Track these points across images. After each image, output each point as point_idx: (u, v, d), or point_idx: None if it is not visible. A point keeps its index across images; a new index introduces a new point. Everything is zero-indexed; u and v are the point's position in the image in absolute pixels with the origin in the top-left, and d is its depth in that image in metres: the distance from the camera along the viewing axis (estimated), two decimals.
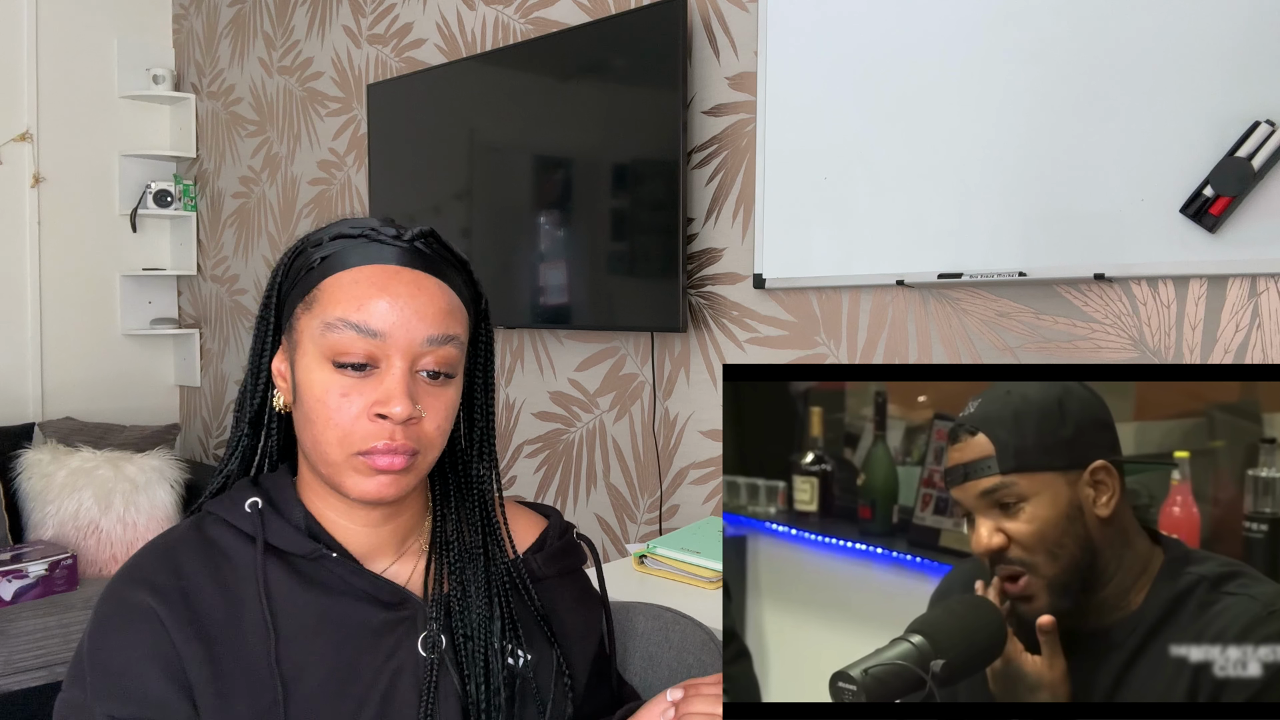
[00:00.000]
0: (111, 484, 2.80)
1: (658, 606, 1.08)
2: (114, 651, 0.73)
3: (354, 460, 0.75)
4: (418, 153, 2.62)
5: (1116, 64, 1.48)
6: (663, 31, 1.99)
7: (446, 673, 0.79)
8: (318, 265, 0.78)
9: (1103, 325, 1.55)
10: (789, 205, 1.87)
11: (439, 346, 0.77)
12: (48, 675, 2.39)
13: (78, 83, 3.49)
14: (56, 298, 3.47)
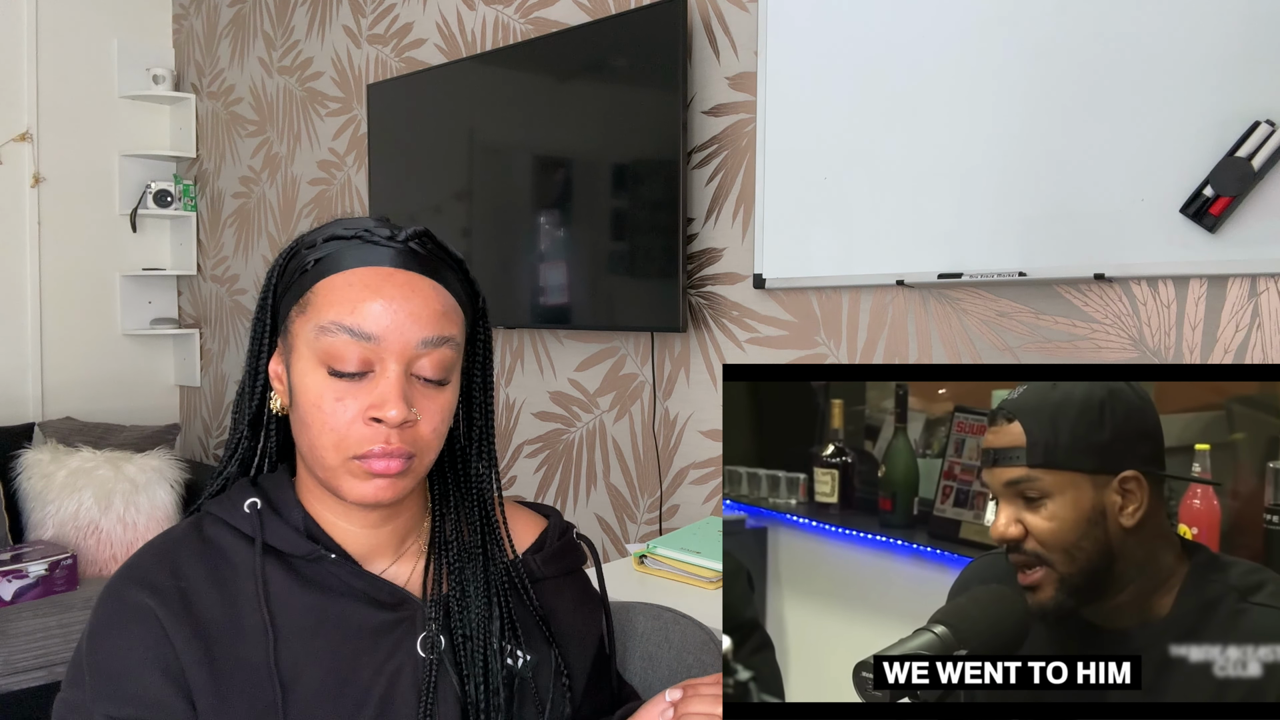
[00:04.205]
0: (111, 484, 2.80)
1: (658, 606, 1.08)
2: (113, 652, 0.73)
3: (350, 464, 0.75)
4: (418, 153, 2.62)
5: (1116, 64, 1.47)
6: (663, 31, 1.99)
7: (445, 673, 0.79)
8: (311, 267, 0.78)
9: (1103, 325, 1.55)
10: (789, 205, 1.87)
11: (434, 348, 0.77)
12: (48, 675, 2.39)
13: (78, 83, 3.49)
14: (56, 298, 3.46)
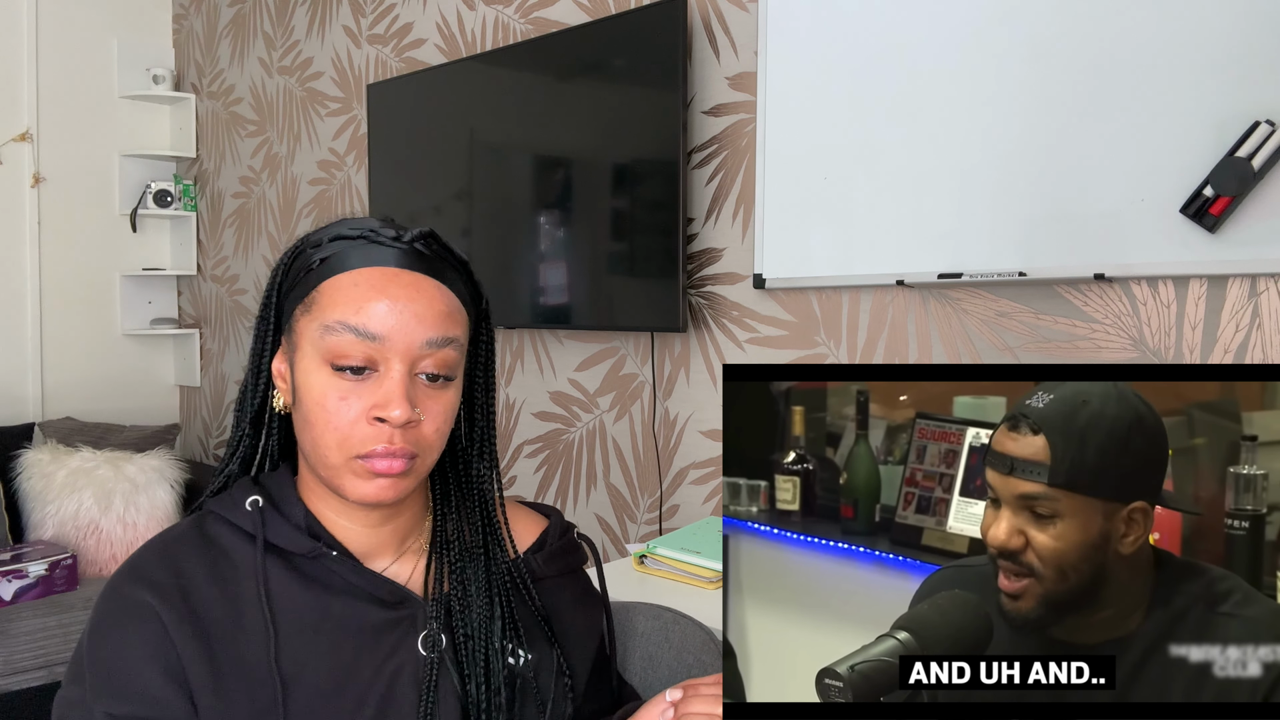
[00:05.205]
0: (111, 484, 2.80)
1: (658, 606, 1.08)
2: (113, 649, 0.73)
3: (353, 463, 0.75)
4: (418, 153, 2.62)
5: (1116, 63, 1.48)
6: (663, 31, 1.99)
7: (446, 672, 0.79)
8: (317, 267, 0.78)
9: (1103, 325, 1.55)
10: (789, 205, 1.87)
11: (438, 349, 0.77)
12: (48, 675, 2.39)
13: (78, 83, 3.49)
14: (56, 298, 3.46)
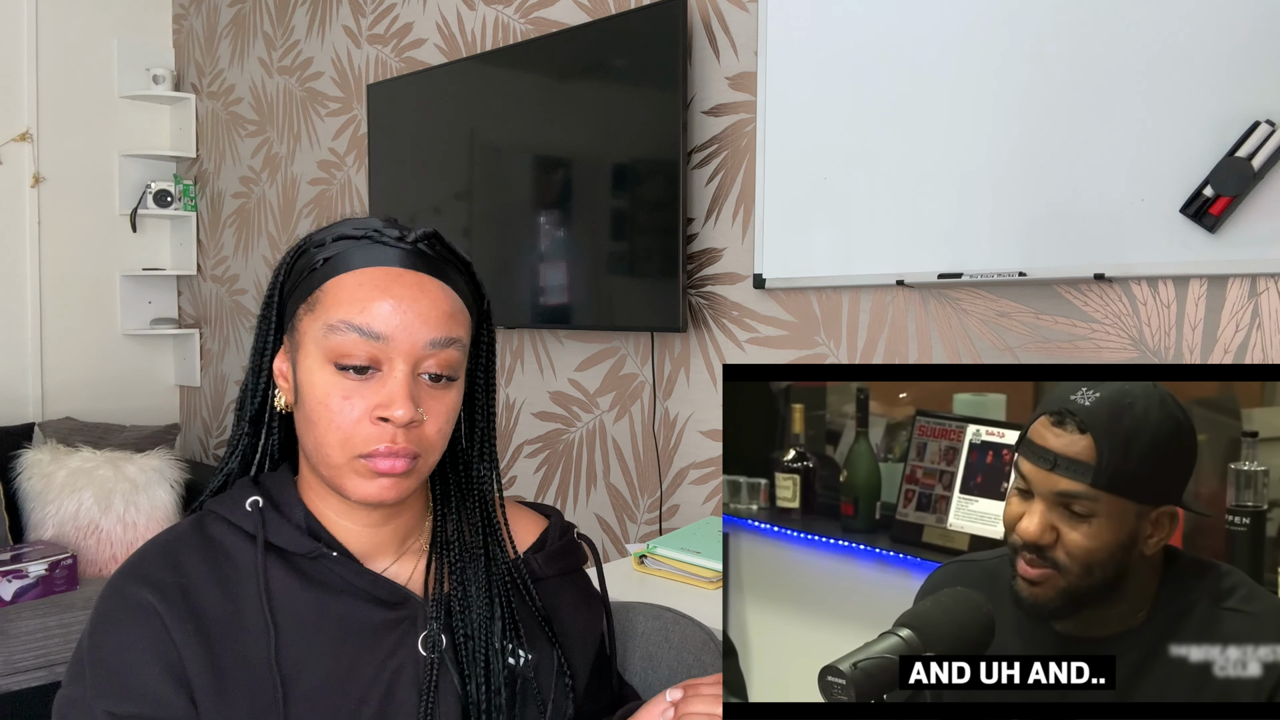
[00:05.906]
0: (111, 484, 2.80)
1: (658, 606, 1.08)
2: (114, 648, 0.74)
3: (355, 463, 0.75)
4: (418, 153, 2.62)
5: (1116, 63, 1.48)
6: (663, 31, 1.99)
7: (447, 672, 0.79)
8: (320, 266, 0.78)
9: (1103, 325, 1.55)
10: (789, 205, 1.87)
11: (441, 349, 0.77)
12: (48, 675, 2.39)
13: (78, 83, 3.49)
14: (56, 298, 3.46)
